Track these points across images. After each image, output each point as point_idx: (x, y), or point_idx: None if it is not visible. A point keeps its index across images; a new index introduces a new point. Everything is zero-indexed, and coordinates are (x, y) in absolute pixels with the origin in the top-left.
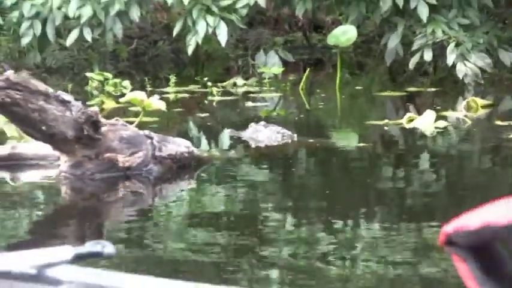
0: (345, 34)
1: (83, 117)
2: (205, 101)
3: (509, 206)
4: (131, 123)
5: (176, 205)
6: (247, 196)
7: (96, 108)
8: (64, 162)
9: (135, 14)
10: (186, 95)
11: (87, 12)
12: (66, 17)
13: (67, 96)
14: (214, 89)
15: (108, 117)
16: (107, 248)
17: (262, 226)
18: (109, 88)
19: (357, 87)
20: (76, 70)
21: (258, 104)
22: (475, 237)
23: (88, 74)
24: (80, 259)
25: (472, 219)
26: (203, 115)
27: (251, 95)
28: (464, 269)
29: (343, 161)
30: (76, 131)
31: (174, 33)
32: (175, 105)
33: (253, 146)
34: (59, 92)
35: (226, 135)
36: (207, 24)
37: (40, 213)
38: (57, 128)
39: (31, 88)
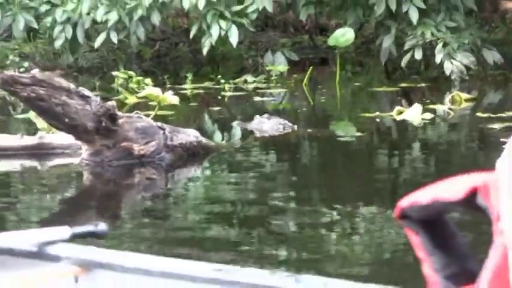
0: (343, 36)
1: (101, 111)
2: (219, 97)
3: (456, 183)
4: (150, 115)
5: (186, 189)
6: (250, 179)
7: (113, 103)
8: (85, 151)
9: (155, 19)
10: (202, 91)
11: (113, 17)
12: (94, 22)
13: (87, 92)
14: (227, 86)
15: (130, 110)
16: (101, 228)
17: (264, 202)
18: (133, 85)
19: (355, 84)
20: (105, 69)
21: (266, 98)
22: (425, 211)
23: (114, 73)
24: (76, 237)
25: (424, 195)
26: (215, 109)
27: (260, 90)
28: (416, 241)
29: (337, 148)
30: (95, 122)
31: (191, 35)
32: (191, 100)
33: (258, 135)
34: (80, 88)
35: (234, 126)
36: (220, 27)
37: (64, 194)
38: (78, 120)
39: (54, 85)
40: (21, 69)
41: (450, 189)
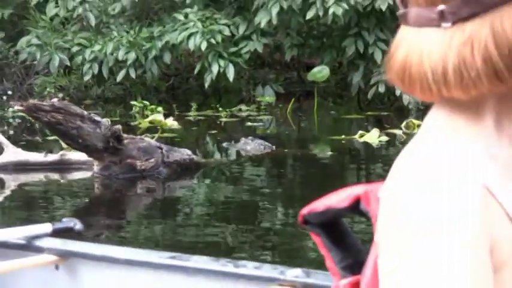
0: (320, 72)
1: (109, 133)
2: (217, 122)
3: (344, 193)
4: (154, 137)
5: (179, 197)
6: (233, 189)
7: (119, 126)
8: (96, 166)
9: (167, 58)
10: (203, 117)
11: (131, 56)
12: (116, 60)
13: (97, 118)
14: (224, 113)
15: (142, 133)
16: (78, 225)
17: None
18: (147, 112)
19: (331, 112)
20: (127, 99)
21: (256, 124)
22: (322, 217)
23: (132, 102)
24: (57, 232)
25: (319, 204)
26: (213, 132)
27: (251, 117)
28: (317, 241)
29: (309, 163)
30: (104, 143)
31: (195, 71)
32: (194, 125)
33: (242, 154)
34: (92, 114)
35: (223, 147)
36: (219, 65)
37: (79, 200)
38: (90, 141)
39: (70, 111)
40: (57, 98)
41: (339, 198)
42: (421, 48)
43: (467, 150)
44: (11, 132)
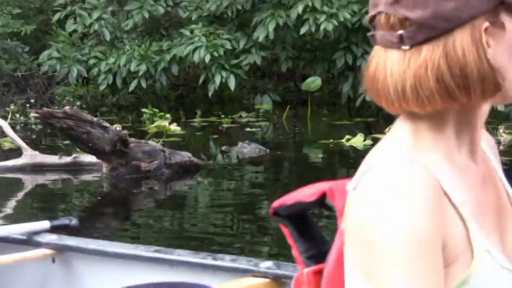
0: (313, 82)
1: (116, 137)
2: (219, 128)
3: (312, 188)
4: (159, 141)
5: (180, 195)
6: (230, 186)
7: (126, 131)
8: (105, 167)
9: (175, 70)
10: (207, 123)
11: (142, 68)
12: (129, 71)
13: (105, 123)
14: (225, 120)
15: (151, 137)
16: (73, 221)
17: (241, 202)
18: (156, 119)
19: (323, 118)
20: (139, 107)
21: (254, 129)
22: (290, 210)
23: (143, 110)
24: (55, 229)
25: (289, 198)
26: (214, 136)
27: (250, 123)
28: (286, 232)
29: (299, 164)
30: (112, 146)
31: (200, 82)
32: (198, 130)
33: (240, 156)
34: (100, 120)
35: (222, 150)
36: (222, 76)
37: (90, 198)
38: (99, 145)
39: (81, 118)
40: (75, 106)
41: (307, 192)
42: (386, 66)
43: (426, 157)
44: (34, 136)
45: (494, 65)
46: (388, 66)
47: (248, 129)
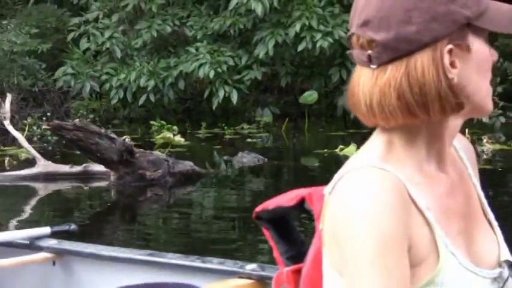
0: (310, 96)
1: (123, 148)
2: (222, 139)
3: (292, 194)
4: (165, 151)
5: (183, 202)
6: (229, 193)
7: (132, 142)
8: (112, 176)
9: (181, 85)
10: (211, 135)
11: (151, 83)
12: (139, 87)
13: (113, 135)
14: (228, 131)
15: (158, 147)
16: (72, 227)
17: (239, 207)
18: (164, 131)
19: (320, 130)
20: (148, 119)
21: (255, 140)
22: (272, 214)
23: (151, 122)
24: (55, 234)
25: (270, 203)
26: (217, 147)
27: (251, 134)
28: (267, 234)
29: (291, 172)
30: (119, 156)
31: (205, 96)
32: (202, 141)
33: (239, 165)
34: (108, 132)
35: (223, 159)
36: (225, 90)
37: (98, 204)
38: (106, 155)
39: (89, 130)
40: (88, 119)
41: (287, 198)
42: (359, 82)
43: (397, 166)
44: (50, 148)
45: (459, 85)
46: (361, 82)
47: (249, 140)
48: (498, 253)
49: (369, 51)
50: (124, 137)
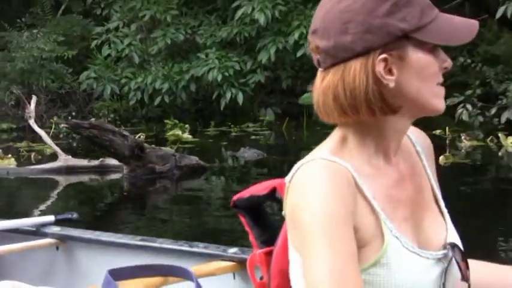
0: (308, 97)
1: (134, 144)
2: (229, 136)
3: (265, 184)
4: (175, 147)
5: (189, 193)
6: (230, 184)
7: (142, 139)
8: (125, 169)
9: (193, 87)
10: (218, 132)
11: (165, 86)
12: (154, 89)
13: (125, 132)
14: (234, 129)
15: (170, 143)
16: (74, 215)
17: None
18: (177, 128)
19: (317, 128)
20: (164, 118)
21: (258, 137)
22: (247, 202)
23: (166, 121)
24: (59, 221)
25: (245, 192)
26: (224, 143)
27: (255, 132)
28: (244, 221)
29: (287, 166)
30: (130, 151)
31: (213, 97)
32: (210, 138)
33: (241, 160)
34: (121, 129)
35: (227, 154)
36: (232, 92)
37: (113, 194)
38: (120, 150)
39: (104, 128)
40: (109, 119)
41: (260, 187)
42: (315, 82)
43: (348, 159)
44: (74, 144)
45: (398, 88)
46: (316, 83)
47: (253, 137)
48: (445, 237)
49: (318, 56)
50: (139, 134)
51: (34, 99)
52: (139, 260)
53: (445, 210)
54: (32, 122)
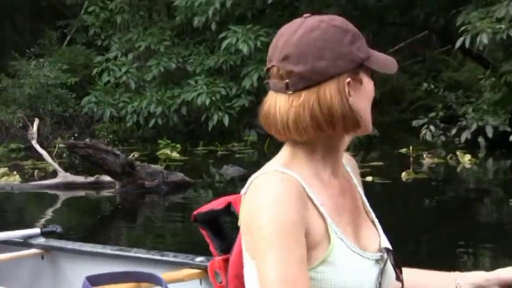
0: None
1: (125, 162)
2: (215, 155)
3: (222, 199)
4: (163, 165)
5: (175, 206)
6: (209, 196)
7: (132, 158)
8: (117, 185)
9: (183, 111)
10: (206, 151)
11: (159, 110)
12: (149, 112)
13: (117, 152)
14: (221, 148)
15: (162, 161)
16: (58, 229)
17: None
18: (169, 148)
19: None
20: (157, 139)
21: (242, 155)
22: (206, 216)
23: (159, 141)
24: (44, 234)
25: (204, 207)
26: (210, 161)
27: (239, 151)
28: (204, 233)
29: None
30: (122, 169)
31: (202, 119)
32: (199, 157)
33: (224, 176)
34: (114, 149)
35: (211, 171)
36: (218, 115)
37: (106, 207)
38: (112, 168)
39: (98, 147)
40: (108, 139)
41: (217, 202)
42: (275, 105)
43: (298, 172)
44: (76, 162)
45: (354, 108)
46: (277, 105)
47: (238, 155)
48: (379, 242)
49: (287, 80)
50: (133, 153)
51: (36, 122)
52: (116, 267)
53: (375, 220)
54: (34, 142)
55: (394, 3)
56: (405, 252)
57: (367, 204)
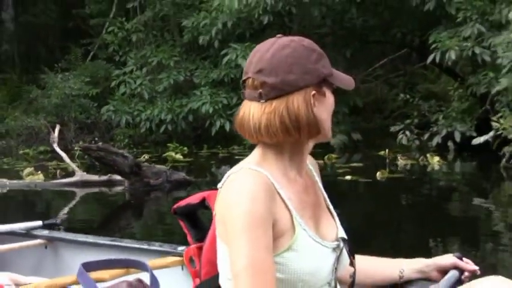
0: None
1: (133, 163)
2: (217, 157)
3: (199, 194)
4: (169, 164)
5: (176, 200)
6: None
7: (140, 159)
8: (126, 183)
9: (190, 118)
10: (209, 154)
11: (169, 117)
12: (160, 119)
13: (126, 153)
14: (222, 151)
15: (169, 162)
16: (58, 221)
17: None
18: (177, 151)
19: None
20: (168, 143)
21: (241, 157)
22: (184, 209)
23: (168, 144)
24: (46, 226)
25: (183, 201)
26: (212, 162)
27: (239, 153)
28: (182, 225)
29: None
30: (130, 169)
31: (206, 125)
32: (202, 158)
33: (222, 175)
34: (123, 151)
35: (212, 171)
36: (220, 122)
37: (117, 202)
38: (121, 168)
39: (109, 150)
40: (124, 143)
41: (194, 198)
42: (249, 112)
43: (268, 170)
44: (96, 163)
45: (317, 117)
46: (251, 112)
47: (237, 157)
48: (336, 232)
49: (260, 90)
50: (144, 155)
51: (57, 127)
52: (109, 255)
53: (334, 212)
54: (55, 146)
55: (376, 24)
56: (376, 243)
57: (327, 199)
